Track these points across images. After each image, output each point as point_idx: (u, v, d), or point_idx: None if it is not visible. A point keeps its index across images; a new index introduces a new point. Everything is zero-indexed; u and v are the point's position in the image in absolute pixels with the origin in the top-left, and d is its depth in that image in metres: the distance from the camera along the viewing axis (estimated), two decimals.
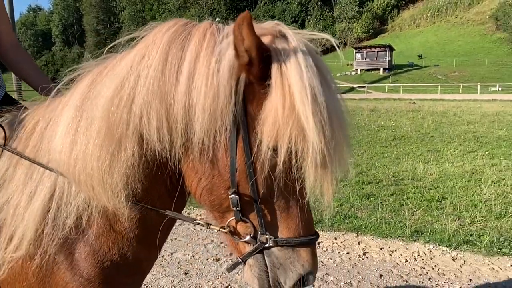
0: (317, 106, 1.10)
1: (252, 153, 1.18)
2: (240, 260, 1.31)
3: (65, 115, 1.32)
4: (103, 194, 1.25)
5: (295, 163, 1.16)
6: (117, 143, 1.23)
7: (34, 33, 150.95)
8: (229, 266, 1.34)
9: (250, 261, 1.29)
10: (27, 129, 1.44)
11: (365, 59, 67.13)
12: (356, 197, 6.58)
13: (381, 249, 4.81)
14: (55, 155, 1.30)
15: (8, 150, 1.41)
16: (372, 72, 65.53)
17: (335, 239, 5.09)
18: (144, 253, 1.45)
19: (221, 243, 4.96)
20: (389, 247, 4.86)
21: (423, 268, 4.33)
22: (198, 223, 1.41)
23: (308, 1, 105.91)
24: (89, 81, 1.34)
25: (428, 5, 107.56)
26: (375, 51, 66.49)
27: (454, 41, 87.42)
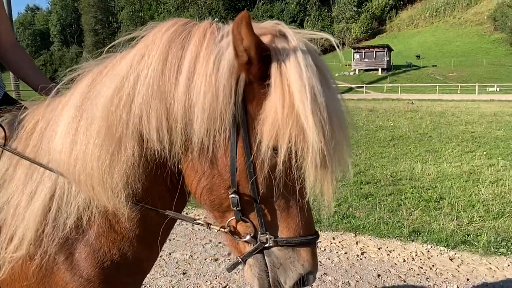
0: (317, 106, 1.10)
1: (252, 153, 1.18)
2: (240, 260, 1.31)
3: (65, 115, 1.32)
4: (103, 194, 1.25)
5: (295, 162, 1.16)
6: (117, 143, 1.23)
7: (32, 32, 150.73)
8: (229, 265, 1.35)
9: (250, 260, 1.30)
10: (27, 129, 1.44)
11: (364, 60, 67.17)
12: (354, 197, 6.59)
13: (379, 249, 4.82)
14: (55, 155, 1.30)
15: (8, 150, 1.41)
16: (371, 72, 65.57)
17: (333, 239, 5.10)
18: (144, 253, 1.45)
19: (219, 243, 4.96)
20: (387, 247, 4.87)
21: (421, 268, 4.34)
22: (198, 223, 1.41)
23: (306, 1, 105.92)
24: (89, 80, 1.34)
25: (426, 5, 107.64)
26: (373, 52, 66.53)
27: (452, 42, 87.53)
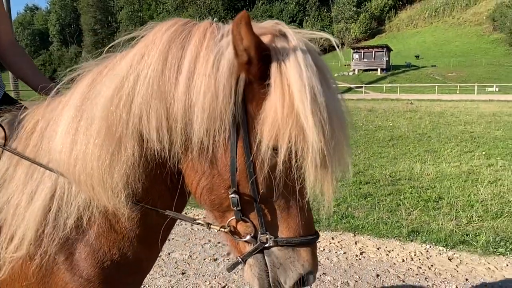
0: (317, 106, 1.10)
1: (252, 153, 1.18)
2: (240, 260, 1.31)
3: (65, 114, 1.31)
4: (103, 194, 1.25)
5: (295, 162, 1.16)
6: (117, 143, 1.22)
7: (31, 32, 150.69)
8: (229, 265, 1.34)
9: (250, 260, 1.29)
10: (27, 128, 1.43)
11: (363, 60, 67.22)
12: (353, 197, 6.59)
13: (378, 249, 4.82)
14: (56, 155, 1.30)
15: (8, 151, 1.40)
16: (370, 72, 65.61)
17: (332, 239, 5.10)
18: (144, 252, 1.45)
19: (219, 243, 4.97)
20: (386, 247, 4.87)
21: (420, 267, 4.35)
22: (198, 223, 1.40)
23: (306, 1, 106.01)
24: (89, 80, 1.34)
25: (425, 5, 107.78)
26: (372, 52, 66.57)
27: (452, 42, 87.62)
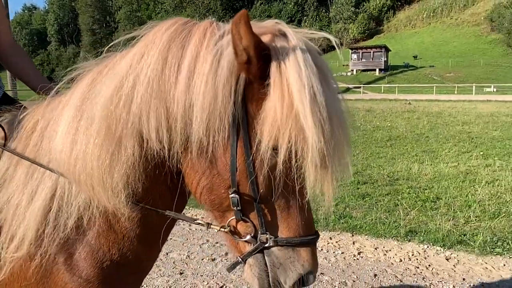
0: (316, 105, 1.10)
1: (252, 153, 1.18)
2: (240, 260, 1.31)
3: (65, 114, 1.31)
4: (103, 194, 1.25)
5: (295, 162, 1.15)
6: (117, 143, 1.22)
7: (29, 32, 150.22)
8: (229, 265, 1.34)
9: (250, 260, 1.29)
10: (27, 128, 1.43)
11: (361, 60, 67.30)
12: (351, 197, 6.60)
13: (375, 249, 4.83)
14: (56, 154, 1.30)
15: (8, 151, 1.40)
16: (368, 72, 65.71)
17: (330, 238, 5.11)
18: (145, 252, 1.45)
19: (217, 243, 4.97)
20: (384, 247, 4.88)
21: (417, 267, 4.36)
22: (198, 223, 1.40)
23: (304, 1, 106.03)
24: (89, 80, 1.34)
25: (423, 6, 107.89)
26: (371, 52, 66.69)
27: (450, 42, 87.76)
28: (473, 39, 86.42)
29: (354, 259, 4.57)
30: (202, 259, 4.58)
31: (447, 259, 4.54)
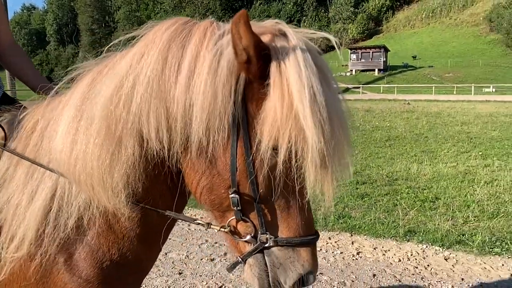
0: (316, 106, 1.10)
1: (252, 153, 1.18)
2: (240, 260, 1.31)
3: (65, 114, 1.31)
4: (103, 193, 1.25)
5: (295, 162, 1.15)
6: (117, 143, 1.22)
7: (28, 32, 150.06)
8: (229, 265, 1.34)
9: (250, 260, 1.29)
10: (27, 128, 1.43)
11: (360, 60, 67.35)
12: (350, 197, 6.61)
13: (374, 249, 4.84)
14: (56, 154, 1.30)
15: (8, 151, 1.40)
16: (367, 73, 65.75)
17: (329, 238, 5.12)
18: (145, 252, 1.44)
19: (216, 243, 4.97)
20: (383, 247, 4.89)
21: (416, 267, 4.37)
22: (198, 223, 1.40)
23: (303, 1, 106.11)
24: (89, 80, 1.34)
25: (422, 6, 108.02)
26: (370, 52, 66.76)
27: (449, 42, 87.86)
28: (472, 39, 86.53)
29: (353, 259, 4.57)
30: (201, 259, 4.58)
31: (445, 259, 4.55)
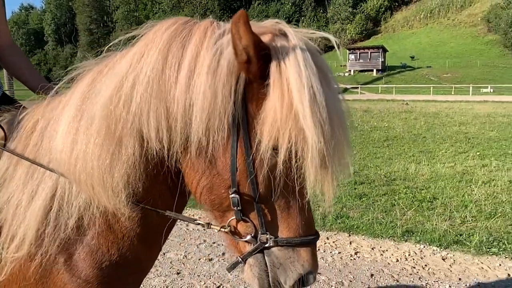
0: (316, 106, 1.10)
1: (252, 153, 1.18)
2: (240, 260, 1.31)
3: (66, 114, 1.31)
4: (103, 193, 1.24)
5: (295, 163, 1.15)
6: (117, 142, 1.22)
7: (26, 32, 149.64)
8: (229, 265, 1.34)
9: (250, 260, 1.29)
10: (27, 128, 1.42)
11: (358, 60, 67.39)
12: (348, 197, 6.62)
13: (372, 249, 4.85)
14: (56, 154, 1.29)
15: (8, 151, 1.39)
16: (365, 73, 65.82)
17: (327, 238, 5.12)
18: (144, 252, 1.44)
19: (214, 243, 4.97)
20: (381, 247, 4.90)
21: (414, 267, 4.38)
22: (199, 223, 1.40)
23: (302, 1, 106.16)
24: (89, 80, 1.34)
25: (420, 7, 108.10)
26: (368, 52, 66.82)
27: (447, 43, 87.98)
28: (470, 40, 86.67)
29: (351, 259, 4.58)
30: (199, 259, 4.58)
31: (443, 259, 4.56)
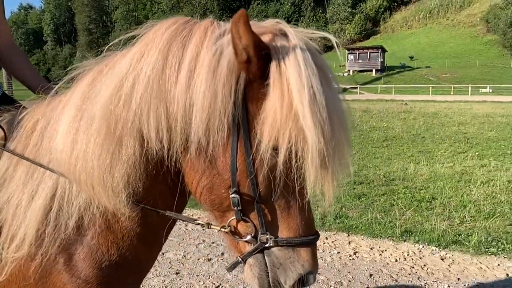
0: (316, 106, 1.09)
1: (252, 153, 1.18)
2: (240, 260, 1.30)
3: (66, 114, 1.31)
4: (104, 193, 1.24)
5: (295, 163, 1.15)
6: (117, 142, 1.22)
7: (25, 31, 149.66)
8: (229, 265, 1.34)
9: (250, 260, 1.29)
10: (27, 128, 1.42)
11: (358, 60, 67.45)
12: (347, 197, 6.62)
13: (371, 248, 4.85)
14: (56, 154, 1.29)
15: (8, 151, 1.39)
16: (365, 73, 65.88)
17: (326, 238, 5.12)
18: (144, 252, 1.44)
19: (213, 243, 4.97)
20: (379, 246, 4.90)
21: (413, 267, 4.38)
22: (199, 223, 1.39)
23: (301, 2, 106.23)
24: (89, 79, 1.34)
25: (420, 7, 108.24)
26: (367, 53, 66.88)
27: (446, 43, 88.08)
28: (469, 40, 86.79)
29: (350, 259, 4.59)
30: (198, 259, 4.58)
31: (442, 259, 4.56)
